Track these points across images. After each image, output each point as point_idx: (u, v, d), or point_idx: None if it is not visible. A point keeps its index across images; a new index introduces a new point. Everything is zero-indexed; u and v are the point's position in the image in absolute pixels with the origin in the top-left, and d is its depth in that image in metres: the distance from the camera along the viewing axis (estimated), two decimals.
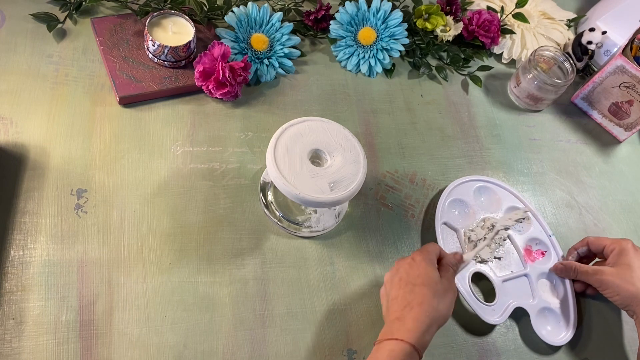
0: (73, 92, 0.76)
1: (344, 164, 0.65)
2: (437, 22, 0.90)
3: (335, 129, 0.67)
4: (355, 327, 0.67)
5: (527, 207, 0.78)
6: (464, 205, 0.78)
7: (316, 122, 0.67)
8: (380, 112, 0.85)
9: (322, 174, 0.64)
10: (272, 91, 0.83)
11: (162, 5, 0.84)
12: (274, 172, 0.63)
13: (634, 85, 0.84)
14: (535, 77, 0.87)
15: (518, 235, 0.76)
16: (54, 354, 0.60)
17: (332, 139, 0.66)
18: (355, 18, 0.88)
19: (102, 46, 0.79)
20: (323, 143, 0.66)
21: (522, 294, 0.72)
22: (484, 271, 0.73)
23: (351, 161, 0.65)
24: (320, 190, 0.63)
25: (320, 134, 0.66)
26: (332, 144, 0.66)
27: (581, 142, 0.91)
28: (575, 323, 0.71)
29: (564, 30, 1.00)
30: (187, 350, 0.63)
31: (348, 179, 0.64)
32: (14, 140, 0.71)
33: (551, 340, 0.70)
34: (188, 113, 0.78)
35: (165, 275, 0.66)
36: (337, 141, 0.66)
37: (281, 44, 0.85)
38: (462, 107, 0.89)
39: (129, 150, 0.73)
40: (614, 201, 0.86)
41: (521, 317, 0.72)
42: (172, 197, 0.71)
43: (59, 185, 0.69)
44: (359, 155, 0.66)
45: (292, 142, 0.65)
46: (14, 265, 0.63)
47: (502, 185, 0.80)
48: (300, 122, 0.67)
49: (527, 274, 0.74)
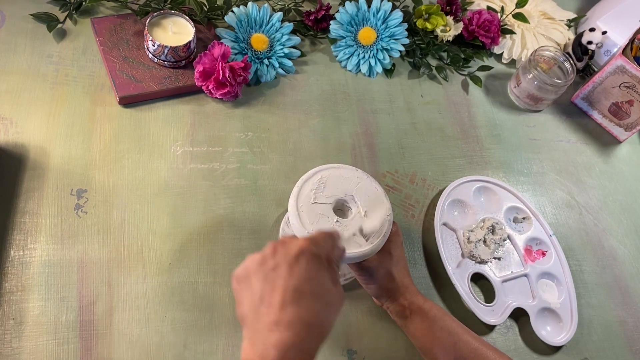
0: (73, 92, 0.76)
1: (368, 209, 0.60)
2: (437, 22, 0.90)
3: (350, 174, 0.62)
4: (355, 327, 0.67)
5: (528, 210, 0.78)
6: (463, 205, 0.78)
7: (329, 170, 0.62)
8: (380, 112, 0.85)
9: (350, 225, 0.59)
10: (272, 91, 0.83)
11: (162, 5, 0.84)
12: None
13: (634, 85, 0.84)
14: (535, 77, 0.87)
15: (518, 235, 0.76)
16: (54, 354, 0.60)
17: (350, 185, 0.61)
18: (356, 18, 0.88)
19: (102, 46, 0.79)
20: (342, 191, 0.61)
21: (522, 294, 0.72)
22: (484, 271, 0.73)
23: (375, 203, 0.61)
24: (358, 244, 0.58)
25: (339, 182, 0.61)
26: (350, 190, 0.61)
27: (581, 142, 0.91)
28: (575, 323, 0.71)
29: (564, 30, 1.00)
30: (187, 350, 0.63)
31: (375, 223, 0.59)
32: (14, 140, 0.71)
33: (551, 340, 0.69)
34: (188, 113, 0.78)
35: (165, 276, 0.66)
36: (354, 185, 0.62)
37: (281, 44, 0.85)
38: (462, 107, 0.89)
39: (129, 150, 0.73)
40: (614, 201, 0.86)
41: (521, 317, 0.72)
42: (172, 197, 0.71)
43: (59, 185, 0.69)
44: (380, 195, 0.62)
45: (312, 199, 0.59)
46: (14, 265, 0.63)
47: (502, 185, 0.80)
48: (313, 173, 0.61)
49: (527, 274, 0.74)
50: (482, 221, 0.76)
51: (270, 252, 0.46)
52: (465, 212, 0.77)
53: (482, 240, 0.74)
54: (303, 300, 0.44)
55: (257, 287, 0.45)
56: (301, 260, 0.45)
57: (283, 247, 0.46)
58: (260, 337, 0.43)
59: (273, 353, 0.41)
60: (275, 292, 0.44)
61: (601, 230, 0.82)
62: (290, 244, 0.46)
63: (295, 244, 0.46)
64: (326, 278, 0.46)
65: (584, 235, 0.81)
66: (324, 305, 0.45)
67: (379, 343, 0.67)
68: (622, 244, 0.82)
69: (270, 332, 0.42)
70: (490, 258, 0.74)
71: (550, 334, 0.71)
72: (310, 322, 0.43)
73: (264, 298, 0.44)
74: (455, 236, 0.75)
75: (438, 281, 0.72)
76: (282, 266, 0.45)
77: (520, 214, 0.79)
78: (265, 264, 0.46)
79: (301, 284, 0.44)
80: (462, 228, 0.75)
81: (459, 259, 0.73)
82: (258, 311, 0.44)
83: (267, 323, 0.43)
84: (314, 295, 0.44)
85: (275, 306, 0.43)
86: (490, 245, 0.74)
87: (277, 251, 0.46)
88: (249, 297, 0.45)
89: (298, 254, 0.45)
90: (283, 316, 0.43)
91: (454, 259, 0.73)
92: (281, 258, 0.45)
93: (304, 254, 0.45)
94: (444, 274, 0.71)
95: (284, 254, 0.46)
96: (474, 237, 0.74)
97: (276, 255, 0.46)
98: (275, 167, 0.77)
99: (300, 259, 0.45)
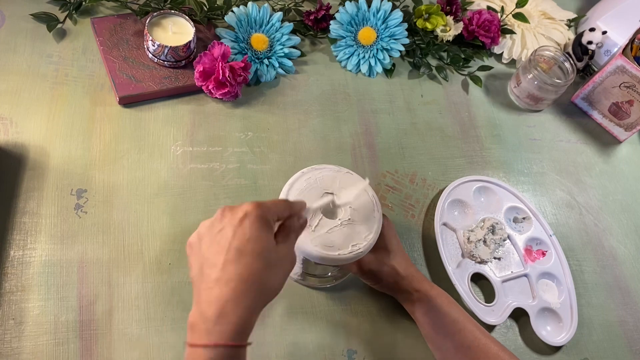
0: (73, 92, 0.76)
1: (356, 208, 0.59)
2: (437, 22, 0.90)
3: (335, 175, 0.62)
4: (355, 327, 0.67)
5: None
6: (463, 205, 0.78)
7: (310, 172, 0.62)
8: (380, 112, 0.85)
9: (339, 226, 0.58)
10: (272, 91, 0.83)
11: (162, 5, 0.84)
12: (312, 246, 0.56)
13: (634, 85, 0.84)
14: (535, 77, 0.87)
15: (518, 235, 0.76)
16: (54, 354, 0.60)
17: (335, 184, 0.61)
18: (356, 18, 0.88)
19: (102, 46, 0.79)
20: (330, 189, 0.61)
21: (522, 295, 0.72)
22: (484, 271, 0.73)
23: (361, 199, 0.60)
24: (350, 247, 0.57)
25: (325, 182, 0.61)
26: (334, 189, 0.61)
27: (581, 142, 0.91)
28: (575, 323, 0.71)
29: (564, 30, 1.00)
30: None
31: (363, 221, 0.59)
32: (14, 140, 0.71)
33: (551, 340, 0.69)
34: (188, 113, 0.78)
35: (165, 275, 0.66)
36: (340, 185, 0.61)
37: (281, 44, 0.85)
38: (462, 107, 0.89)
39: (129, 150, 0.73)
40: (614, 201, 0.86)
41: (521, 317, 0.72)
42: (172, 197, 0.71)
43: (58, 185, 0.69)
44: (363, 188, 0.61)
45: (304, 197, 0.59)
46: (14, 265, 0.63)
47: (502, 185, 0.80)
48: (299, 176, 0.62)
49: (527, 274, 0.74)
50: (482, 221, 0.76)
51: (219, 216, 0.48)
52: (465, 212, 0.77)
53: (482, 240, 0.74)
54: (243, 259, 0.45)
55: (204, 249, 0.47)
56: (245, 222, 0.46)
57: (230, 211, 0.48)
58: (202, 295, 0.45)
59: (211, 308, 0.44)
60: (219, 253, 0.46)
61: (601, 230, 0.82)
62: (237, 208, 0.48)
63: (242, 208, 0.48)
64: (270, 239, 0.47)
65: (584, 235, 0.81)
66: (266, 265, 0.46)
67: (379, 343, 0.67)
68: (622, 244, 0.82)
69: (209, 290, 0.45)
70: (490, 258, 0.74)
71: (551, 333, 0.71)
72: (248, 280, 0.45)
73: (209, 259, 0.46)
74: (455, 236, 0.75)
75: (438, 281, 0.72)
76: (227, 228, 0.47)
77: (520, 214, 0.79)
78: (213, 228, 0.48)
79: (243, 243, 0.46)
80: (462, 228, 0.75)
81: (459, 259, 0.73)
82: (203, 272, 0.46)
83: (208, 282, 0.45)
84: (255, 254, 0.46)
85: (217, 266, 0.45)
86: (490, 245, 0.74)
87: (225, 215, 0.48)
88: (198, 260, 0.48)
89: (243, 216, 0.47)
90: (223, 274, 0.45)
91: (454, 259, 0.73)
92: (227, 221, 0.47)
93: (248, 216, 0.47)
94: (444, 274, 0.71)
95: (231, 217, 0.47)
96: (474, 237, 0.74)
97: (224, 219, 0.48)
98: (275, 167, 0.77)
99: (244, 221, 0.46)
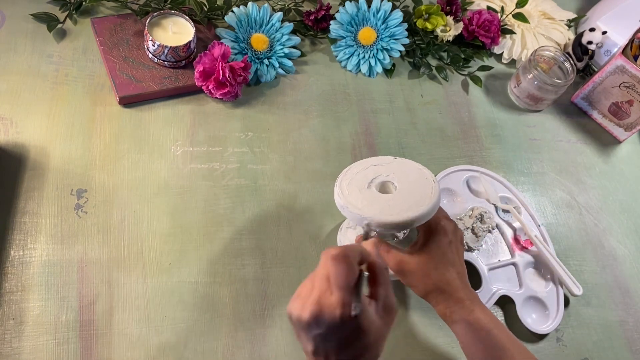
0: (73, 92, 0.76)
1: (412, 182, 0.60)
2: (437, 22, 0.90)
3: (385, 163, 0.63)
4: None
5: (515, 201, 0.78)
6: (452, 194, 0.78)
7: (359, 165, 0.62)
8: (380, 112, 0.85)
9: (397, 198, 0.59)
10: (272, 91, 0.83)
11: (162, 5, 0.84)
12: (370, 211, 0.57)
13: (634, 85, 0.84)
14: (535, 77, 0.87)
15: (507, 225, 0.77)
16: (54, 354, 0.60)
17: (387, 170, 0.62)
18: (356, 18, 0.88)
19: (102, 46, 0.79)
20: (384, 175, 0.61)
21: (509, 283, 0.73)
22: (471, 259, 0.73)
23: (416, 177, 0.61)
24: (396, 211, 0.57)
25: (378, 169, 0.62)
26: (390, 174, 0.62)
27: (581, 142, 0.91)
28: (561, 312, 0.71)
29: (564, 30, 1.00)
30: (187, 350, 0.63)
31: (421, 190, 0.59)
32: (14, 140, 0.71)
33: (536, 328, 0.70)
34: (188, 113, 0.78)
35: (165, 275, 0.66)
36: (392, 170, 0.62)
37: (281, 44, 0.85)
38: (462, 107, 0.89)
39: (129, 151, 0.73)
40: (614, 201, 0.86)
41: (507, 305, 0.72)
42: (172, 197, 0.71)
43: (59, 185, 0.69)
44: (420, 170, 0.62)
45: (356, 184, 0.60)
46: (14, 265, 0.63)
47: (492, 175, 0.80)
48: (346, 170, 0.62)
49: (515, 263, 0.74)
50: (470, 210, 0.76)
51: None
52: (454, 201, 0.78)
53: (470, 228, 0.74)
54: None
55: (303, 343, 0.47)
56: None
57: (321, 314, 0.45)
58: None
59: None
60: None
61: (601, 231, 0.82)
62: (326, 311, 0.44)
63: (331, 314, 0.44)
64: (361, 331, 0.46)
65: (584, 235, 0.81)
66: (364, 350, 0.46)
67: None
68: (622, 244, 0.82)
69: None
70: (478, 246, 0.74)
71: (536, 321, 0.71)
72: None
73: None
74: None
75: None
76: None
77: (510, 203, 0.79)
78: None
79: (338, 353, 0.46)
80: (451, 216, 0.75)
81: None
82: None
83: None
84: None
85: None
86: (478, 233, 0.74)
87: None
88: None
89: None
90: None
91: None
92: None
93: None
94: None
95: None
96: (462, 225, 0.74)
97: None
98: (275, 167, 0.77)
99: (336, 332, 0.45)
